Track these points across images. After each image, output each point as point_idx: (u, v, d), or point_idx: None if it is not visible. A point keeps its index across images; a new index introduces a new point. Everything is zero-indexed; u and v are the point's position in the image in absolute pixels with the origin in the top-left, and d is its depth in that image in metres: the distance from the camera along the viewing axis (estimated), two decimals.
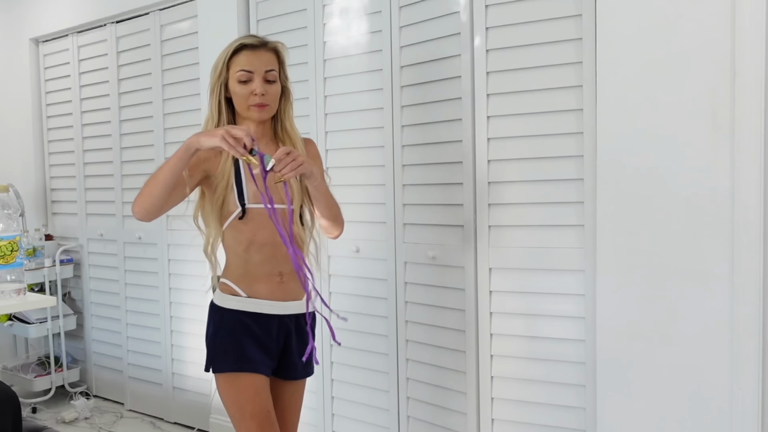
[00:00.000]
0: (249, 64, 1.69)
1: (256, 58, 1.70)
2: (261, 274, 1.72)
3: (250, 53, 1.70)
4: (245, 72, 1.68)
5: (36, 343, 3.82)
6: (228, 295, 1.74)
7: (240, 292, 1.72)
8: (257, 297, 1.72)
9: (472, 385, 2.18)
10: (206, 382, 3.07)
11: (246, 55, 1.70)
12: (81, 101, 3.65)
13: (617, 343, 1.86)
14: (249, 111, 1.71)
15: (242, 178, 1.70)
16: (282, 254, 1.69)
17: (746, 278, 1.65)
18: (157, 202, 1.63)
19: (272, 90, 1.71)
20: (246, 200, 1.69)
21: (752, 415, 1.66)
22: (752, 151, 1.63)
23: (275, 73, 1.72)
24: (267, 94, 1.69)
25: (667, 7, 1.74)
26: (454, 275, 2.21)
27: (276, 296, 1.72)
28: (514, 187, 2.07)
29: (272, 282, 1.72)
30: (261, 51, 1.71)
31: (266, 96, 1.69)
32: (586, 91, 1.92)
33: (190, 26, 3.08)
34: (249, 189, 1.69)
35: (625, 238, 1.83)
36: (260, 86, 1.68)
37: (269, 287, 1.72)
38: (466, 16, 2.13)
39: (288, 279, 1.73)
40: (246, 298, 1.72)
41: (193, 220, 1.80)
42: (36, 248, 3.54)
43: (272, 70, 1.71)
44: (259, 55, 1.70)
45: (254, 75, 1.69)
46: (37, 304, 1.94)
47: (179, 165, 1.59)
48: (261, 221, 1.68)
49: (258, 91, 1.68)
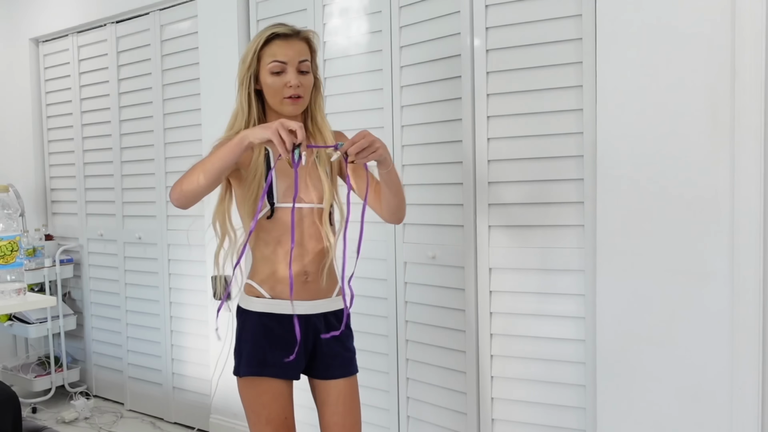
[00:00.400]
0: (282, 54, 1.61)
1: (289, 48, 1.61)
2: (286, 275, 1.66)
3: (282, 43, 1.62)
4: (278, 63, 1.61)
5: (36, 343, 3.82)
6: (251, 297, 1.71)
7: (263, 294, 1.69)
8: (281, 297, 1.67)
9: (472, 385, 2.18)
10: (206, 382, 3.08)
11: (278, 44, 1.62)
12: (81, 101, 3.65)
13: (617, 343, 1.86)
14: (282, 104, 1.63)
15: (274, 178, 1.64)
16: (309, 254, 1.66)
17: (746, 278, 1.65)
18: (201, 191, 1.56)
19: (306, 81, 1.64)
20: (275, 199, 1.65)
21: (752, 415, 1.66)
22: (752, 151, 1.63)
23: (308, 64, 1.64)
24: (301, 85, 1.62)
25: (667, 7, 1.74)
26: (454, 275, 2.21)
27: (300, 296, 1.67)
28: (514, 187, 2.07)
29: (297, 282, 1.66)
30: (294, 40, 1.63)
31: (301, 88, 1.62)
32: (586, 91, 1.92)
33: (190, 26, 3.08)
34: (279, 188, 1.65)
35: (625, 238, 1.83)
36: (294, 77, 1.61)
37: (294, 287, 1.65)
38: (466, 16, 2.13)
39: (314, 279, 1.68)
40: (269, 299, 1.68)
41: (212, 223, 1.74)
42: (36, 248, 3.53)
43: (305, 60, 1.63)
44: (292, 45, 1.62)
45: (287, 66, 1.61)
46: (37, 304, 1.94)
47: (230, 157, 1.51)
48: (288, 220, 1.64)
49: (293, 82, 1.60)
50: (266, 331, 1.68)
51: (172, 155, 3.17)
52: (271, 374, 1.66)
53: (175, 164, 3.16)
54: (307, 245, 1.66)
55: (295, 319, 1.62)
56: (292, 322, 1.63)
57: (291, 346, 1.64)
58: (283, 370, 1.66)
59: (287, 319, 1.65)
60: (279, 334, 1.67)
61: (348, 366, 1.75)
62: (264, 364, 1.66)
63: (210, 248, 3.00)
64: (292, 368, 1.68)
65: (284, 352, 1.65)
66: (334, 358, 1.72)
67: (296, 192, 1.55)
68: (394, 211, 1.72)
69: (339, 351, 1.73)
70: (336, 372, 1.72)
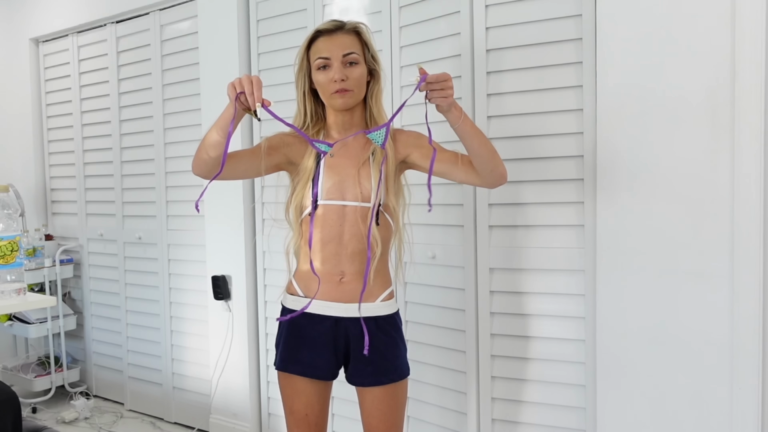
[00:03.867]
0: (325, 50, 1.62)
1: (332, 43, 1.62)
2: (322, 273, 1.65)
3: (326, 39, 1.63)
4: (322, 59, 1.61)
5: (36, 343, 3.82)
6: (288, 294, 1.73)
7: (299, 291, 1.70)
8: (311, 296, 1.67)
9: (472, 385, 2.18)
10: (206, 382, 3.08)
11: (322, 41, 1.63)
12: (81, 101, 3.65)
13: (617, 343, 1.86)
14: (331, 98, 1.63)
15: (320, 174, 1.64)
16: (347, 253, 1.65)
17: (746, 278, 1.65)
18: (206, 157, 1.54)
19: (354, 74, 1.62)
20: (319, 196, 1.64)
21: (752, 415, 1.66)
22: (752, 151, 1.63)
23: (357, 56, 1.63)
24: (348, 78, 1.61)
25: (667, 7, 1.74)
26: (454, 275, 2.21)
27: (332, 296, 1.65)
28: (514, 186, 2.07)
29: (331, 281, 1.65)
30: (338, 34, 1.63)
31: (347, 81, 1.61)
32: (586, 91, 1.92)
33: (190, 26, 3.08)
34: (324, 185, 1.65)
35: (625, 238, 1.83)
36: (338, 71, 1.60)
37: (327, 287, 1.65)
38: (466, 16, 2.13)
39: (350, 279, 1.65)
40: (302, 297, 1.69)
41: (285, 215, 1.74)
42: (36, 248, 3.53)
43: (352, 52, 1.62)
44: (335, 39, 1.62)
45: (332, 60, 1.61)
46: (37, 304, 1.94)
47: (220, 121, 1.51)
48: (328, 218, 1.64)
49: (336, 76, 1.60)
50: (296, 329, 1.69)
51: (172, 155, 3.17)
52: (295, 372, 1.68)
53: (175, 164, 3.16)
54: (347, 244, 1.64)
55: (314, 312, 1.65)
56: (324, 323, 1.66)
57: (322, 347, 1.67)
58: (309, 369, 1.67)
59: (318, 319, 1.66)
60: (309, 333, 1.68)
61: (384, 374, 1.68)
62: (290, 361, 1.69)
63: (210, 248, 3.01)
64: (324, 369, 1.68)
65: (311, 351, 1.67)
66: (368, 365, 1.67)
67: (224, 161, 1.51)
68: (490, 167, 1.59)
69: (374, 359, 1.66)
70: (367, 380, 1.68)
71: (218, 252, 2.97)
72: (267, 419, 2.93)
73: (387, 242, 1.69)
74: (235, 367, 2.92)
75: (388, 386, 1.68)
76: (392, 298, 1.73)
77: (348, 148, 1.68)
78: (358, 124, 1.70)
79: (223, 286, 2.93)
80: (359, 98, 1.67)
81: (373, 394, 1.69)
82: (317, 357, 1.67)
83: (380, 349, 1.67)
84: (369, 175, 1.64)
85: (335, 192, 1.64)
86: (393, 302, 1.73)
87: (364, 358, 1.65)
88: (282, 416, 2.86)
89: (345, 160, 1.66)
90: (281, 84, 2.73)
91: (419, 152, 1.68)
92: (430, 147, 1.61)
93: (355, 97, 1.65)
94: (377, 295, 1.69)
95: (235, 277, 2.92)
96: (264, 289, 2.87)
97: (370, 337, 1.63)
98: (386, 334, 1.69)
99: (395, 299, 1.76)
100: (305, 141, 1.64)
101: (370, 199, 1.63)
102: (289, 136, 1.70)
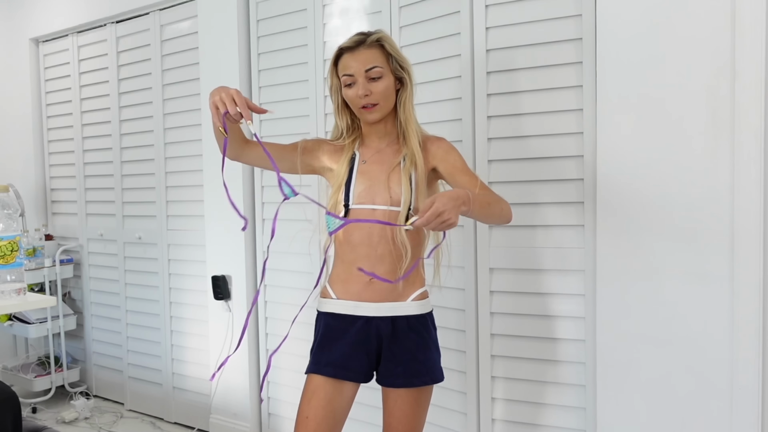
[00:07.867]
0: (348, 67, 1.66)
1: (354, 60, 1.65)
2: (352, 274, 1.67)
3: (348, 56, 1.67)
4: (347, 76, 1.66)
5: (36, 343, 3.82)
6: (321, 297, 1.74)
7: (331, 294, 1.72)
8: (344, 298, 1.69)
9: (472, 385, 2.18)
10: (206, 382, 3.08)
11: (346, 58, 1.67)
12: (81, 101, 3.65)
13: (617, 343, 1.86)
14: (361, 113, 1.69)
15: (353, 179, 1.68)
16: (377, 255, 1.65)
17: (746, 278, 1.65)
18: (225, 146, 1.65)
19: (378, 88, 1.65)
20: (351, 200, 1.67)
21: (752, 415, 1.66)
22: (752, 151, 1.63)
23: (380, 69, 1.65)
24: (372, 93, 1.65)
25: (667, 7, 1.74)
26: (454, 275, 2.21)
27: (363, 297, 1.67)
28: (514, 186, 2.07)
29: (361, 282, 1.67)
30: (359, 50, 1.66)
31: (371, 96, 1.65)
32: (586, 91, 1.92)
33: (190, 26, 3.09)
34: (356, 189, 1.68)
35: (625, 239, 1.83)
36: (362, 87, 1.64)
37: (358, 288, 1.67)
38: (466, 16, 2.13)
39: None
40: (335, 300, 1.70)
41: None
42: (36, 248, 3.54)
43: (374, 67, 1.64)
44: (357, 55, 1.65)
45: (356, 77, 1.65)
46: (37, 304, 1.94)
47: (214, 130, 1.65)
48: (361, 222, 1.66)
49: (360, 92, 1.64)
50: (327, 331, 1.71)
51: (172, 155, 3.17)
52: (327, 374, 1.66)
53: (175, 164, 3.16)
54: (376, 247, 1.66)
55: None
56: (354, 323, 1.67)
57: (353, 347, 1.66)
58: (341, 371, 1.66)
59: (350, 320, 1.68)
60: (340, 334, 1.69)
61: (414, 376, 1.67)
62: (319, 363, 1.69)
63: (210, 248, 3.01)
64: (352, 370, 1.67)
65: (344, 352, 1.67)
66: (398, 366, 1.67)
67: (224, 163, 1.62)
68: (500, 221, 1.66)
69: (405, 359, 1.67)
70: (397, 381, 1.67)
71: (218, 252, 2.97)
72: (267, 419, 2.93)
73: (418, 245, 1.70)
74: (235, 367, 2.92)
75: (414, 390, 1.68)
76: (425, 298, 1.73)
77: (381, 155, 1.72)
78: (392, 132, 1.74)
79: (223, 286, 2.93)
80: (387, 109, 1.70)
81: (398, 394, 1.68)
82: (350, 359, 1.67)
83: (411, 350, 1.67)
84: (399, 181, 1.67)
85: (366, 196, 1.66)
86: (426, 302, 1.72)
87: (394, 357, 1.66)
88: (282, 416, 2.86)
89: (377, 166, 1.70)
90: (281, 84, 2.74)
91: (443, 166, 1.71)
92: (453, 163, 1.68)
93: (382, 110, 1.68)
94: (408, 295, 1.70)
95: (235, 277, 2.92)
96: (264, 289, 2.87)
97: (401, 337, 1.66)
98: (418, 334, 1.69)
99: (428, 300, 1.74)
100: (341, 148, 1.74)
101: (399, 203, 1.65)
102: (325, 142, 1.77)
